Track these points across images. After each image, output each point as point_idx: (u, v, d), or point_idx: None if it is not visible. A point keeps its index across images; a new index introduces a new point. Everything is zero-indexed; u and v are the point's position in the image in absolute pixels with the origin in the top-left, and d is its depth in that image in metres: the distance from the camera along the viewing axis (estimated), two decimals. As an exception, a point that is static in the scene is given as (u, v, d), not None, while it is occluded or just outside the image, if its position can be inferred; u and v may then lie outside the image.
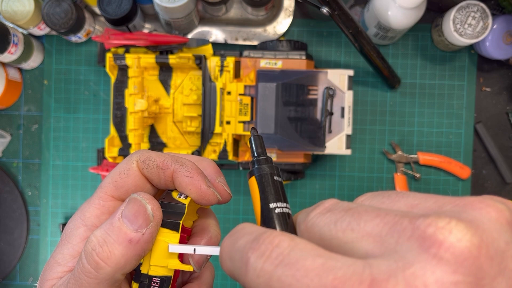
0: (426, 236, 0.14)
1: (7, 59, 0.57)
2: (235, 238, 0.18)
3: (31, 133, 0.64)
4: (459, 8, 0.55)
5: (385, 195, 0.18)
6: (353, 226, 0.16)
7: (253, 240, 0.17)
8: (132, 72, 0.53)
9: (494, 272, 0.14)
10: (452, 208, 0.16)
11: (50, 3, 0.55)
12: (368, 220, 0.16)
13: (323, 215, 0.17)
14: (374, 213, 0.16)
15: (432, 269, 0.14)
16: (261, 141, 0.24)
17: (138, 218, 0.22)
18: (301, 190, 0.63)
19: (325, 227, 0.17)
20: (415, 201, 0.17)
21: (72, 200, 0.63)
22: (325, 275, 0.15)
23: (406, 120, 0.63)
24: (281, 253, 0.16)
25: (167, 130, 0.56)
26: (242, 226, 0.19)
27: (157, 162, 0.24)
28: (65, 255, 0.24)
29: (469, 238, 0.14)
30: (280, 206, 0.21)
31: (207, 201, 0.24)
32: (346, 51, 0.63)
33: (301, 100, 0.51)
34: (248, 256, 0.16)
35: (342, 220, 0.17)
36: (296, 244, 0.16)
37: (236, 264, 0.17)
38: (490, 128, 0.63)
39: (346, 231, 0.16)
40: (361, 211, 0.16)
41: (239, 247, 0.17)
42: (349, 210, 0.17)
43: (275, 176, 0.22)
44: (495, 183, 0.63)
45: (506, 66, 0.63)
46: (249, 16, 0.62)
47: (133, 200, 0.23)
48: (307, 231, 0.18)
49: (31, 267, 0.63)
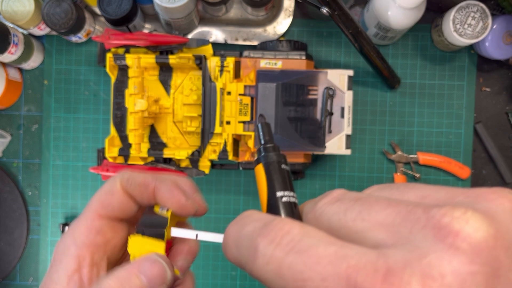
0: (441, 225, 0.14)
1: (7, 59, 0.57)
2: (241, 224, 0.18)
3: (31, 133, 0.64)
4: (459, 8, 0.55)
5: (394, 187, 0.18)
6: (364, 215, 0.16)
7: (263, 227, 0.16)
8: (132, 72, 0.53)
9: (510, 262, 0.14)
10: (464, 199, 0.16)
11: (50, 3, 0.55)
12: (379, 210, 0.16)
13: (332, 204, 0.17)
14: (385, 202, 0.16)
15: (448, 259, 0.13)
16: (268, 129, 0.23)
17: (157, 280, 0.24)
18: (301, 190, 0.63)
19: (334, 216, 0.17)
20: (426, 192, 0.17)
21: (72, 200, 0.63)
22: (339, 263, 0.14)
23: (406, 120, 0.63)
24: (292, 240, 0.15)
25: (167, 130, 0.56)
26: (250, 213, 0.18)
27: (139, 180, 0.26)
28: (60, 276, 0.26)
29: (485, 228, 0.14)
30: (287, 195, 0.21)
31: (186, 212, 0.26)
32: (346, 51, 0.63)
33: (301, 100, 0.51)
34: (257, 242, 0.16)
35: (352, 209, 0.16)
36: (307, 232, 0.16)
37: (243, 251, 0.17)
38: (489, 128, 0.63)
39: (356, 220, 0.16)
40: (372, 201, 0.16)
41: (246, 233, 0.17)
42: (359, 199, 0.17)
43: (282, 165, 0.22)
44: (494, 183, 0.63)
45: (506, 66, 0.63)
46: (249, 16, 0.62)
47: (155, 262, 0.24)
48: (315, 220, 0.18)
49: (31, 267, 0.63)
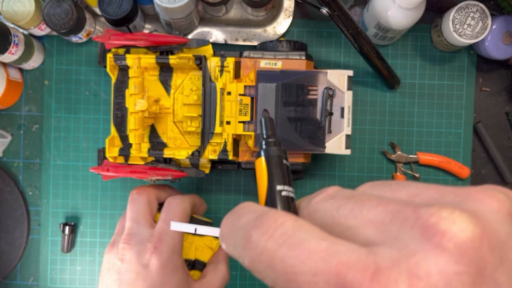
0: (429, 225, 0.14)
1: (8, 59, 0.57)
2: (237, 216, 0.18)
3: (31, 133, 0.64)
4: (458, 8, 0.55)
5: (386, 184, 0.18)
6: (356, 213, 0.16)
7: (256, 218, 0.17)
8: (132, 72, 0.53)
9: (496, 263, 0.14)
10: (454, 198, 0.16)
11: (51, 3, 0.55)
12: (370, 208, 0.16)
13: (325, 201, 0.18)
14: (376, 201, 0.16)
15: (435, 259, 0.14)
16: (271, 124, 0.24)
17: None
18: (301, 190, 0.63)
19: (327, 213, 0.17)
20: (417, 191, 0.17)
21: (73, 200, 0.64)
22: (330, 259, 0.15)
23: (406, 120, 0.63)
24: (285, 233, 0.16)
25: (168, 130, 0.56)
26: (246, 204, 0.19)
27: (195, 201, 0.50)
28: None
29: (471, 228, 0.14)
30: (286, 189, 0.21)
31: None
32: (346, 52, 0.63)
33: (301, 100, 0.51)
34: (250, 233, 0.16)
35: (344, 206, 0.17)
36: (301, 226, 0.16)
37: (237, 242, 0.17)
38: (489, 128, 0.63)
39: (348, 217, 0.16)
40: (364, 199, 0.17)
41: (241, 224, 0.17)
42: (352, 197, 0.17)
43: (283, 160, 0.22)
44: (494, 183, 0.63)
45: (505, 66, 0.63)
46: (249, 17, 0.62)
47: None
48: (309, 215, 0.18)
49: (31, 267, 0.63)
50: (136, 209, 0.52)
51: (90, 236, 0.63)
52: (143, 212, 0.52)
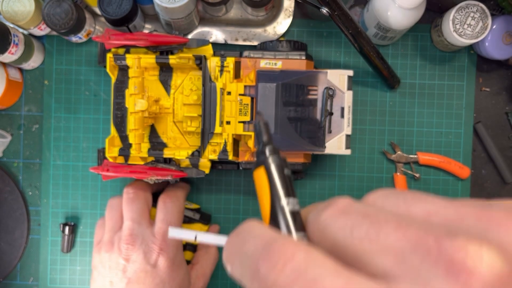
0: (454, 261, 0.13)
1: (8, 59, 0.57)
2: (242, 239, 0.17)
3: (31, 133, 0.64)
4: (458, 8, 0.55)
5: (400, 196, 0.17)
6: (372, 236, 0.15)
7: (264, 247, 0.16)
8: (132, 72, 0.53)
9: None
10: (475, 223, 0.15)
11: (51, 3, 0.55)
12: (388, 232, 0.15)
13: (337, 218, 0.16)
14: (394, 223, 0.15)
15: None
16: (267, 128, 0.22)
17: None
18: (301, 190, 0.63)
19: (340, 233, 0.16)
20: (433, 208, 0.16)
21: (73, 200, 0.64)
22: None
23: (406, 120, 0.63)
24: (297, 269, 0.14)
25: (168, 130, 0.56)
26: (250, 227, 0.17)
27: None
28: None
29: (500, 265, 0.13)
30: (290, 202, 0.19)
31: None
32: (346, 52, 0.63)
33: (301, 100, 0.51)
34: (258, 265, 0.15)
35: (359, 227, 0.15)
36: (313, 260, 0.15)
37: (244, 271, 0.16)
38: (489, 128, 0.63)
39: (363, 241, 0.15)
40: (381, 220, 0.15)
41: (247, 252, 0.16)
42: (367, 216, 0.16)
43: (285, 169, 0.20)
44: (494, 183, 0.63)
45: (506, 66, 0.63)
46: (249, 17, 0.62)
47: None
48: (319, 233, 0.17)
49: (31, 267, 0.63)
50: (135, 209, 0.53)
51: (90, 236, 0.63)
52: (142, 212, 0.53)
